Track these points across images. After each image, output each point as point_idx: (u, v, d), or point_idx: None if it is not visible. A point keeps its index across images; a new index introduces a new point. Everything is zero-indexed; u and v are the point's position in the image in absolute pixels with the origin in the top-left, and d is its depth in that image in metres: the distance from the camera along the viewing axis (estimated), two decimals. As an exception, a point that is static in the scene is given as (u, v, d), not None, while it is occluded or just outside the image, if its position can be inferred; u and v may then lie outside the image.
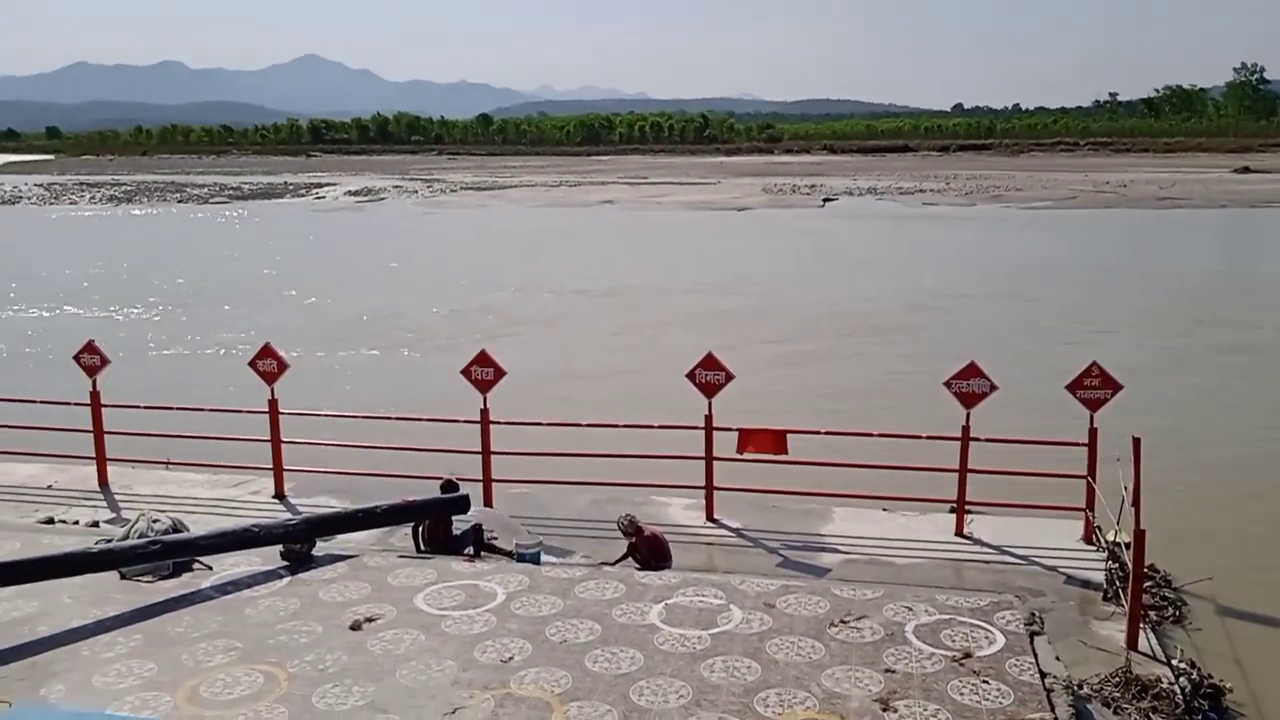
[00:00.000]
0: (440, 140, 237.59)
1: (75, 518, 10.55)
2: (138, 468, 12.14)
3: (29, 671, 6.33)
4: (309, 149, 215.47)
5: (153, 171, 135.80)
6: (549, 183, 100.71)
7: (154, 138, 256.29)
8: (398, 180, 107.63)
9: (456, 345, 21.13)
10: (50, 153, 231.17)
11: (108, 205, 78.14)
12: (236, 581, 7.73)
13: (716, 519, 10.21)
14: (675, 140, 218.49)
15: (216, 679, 6.13)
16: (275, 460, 11.33)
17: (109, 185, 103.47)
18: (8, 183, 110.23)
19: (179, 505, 10.56)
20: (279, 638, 6.70)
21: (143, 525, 8.23)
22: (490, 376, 10.70)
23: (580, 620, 6.90)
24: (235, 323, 26.22)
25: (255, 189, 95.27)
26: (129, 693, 5.99)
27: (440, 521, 8.95)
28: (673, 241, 46.56)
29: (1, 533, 9.37)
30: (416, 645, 6.56)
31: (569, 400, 16.36)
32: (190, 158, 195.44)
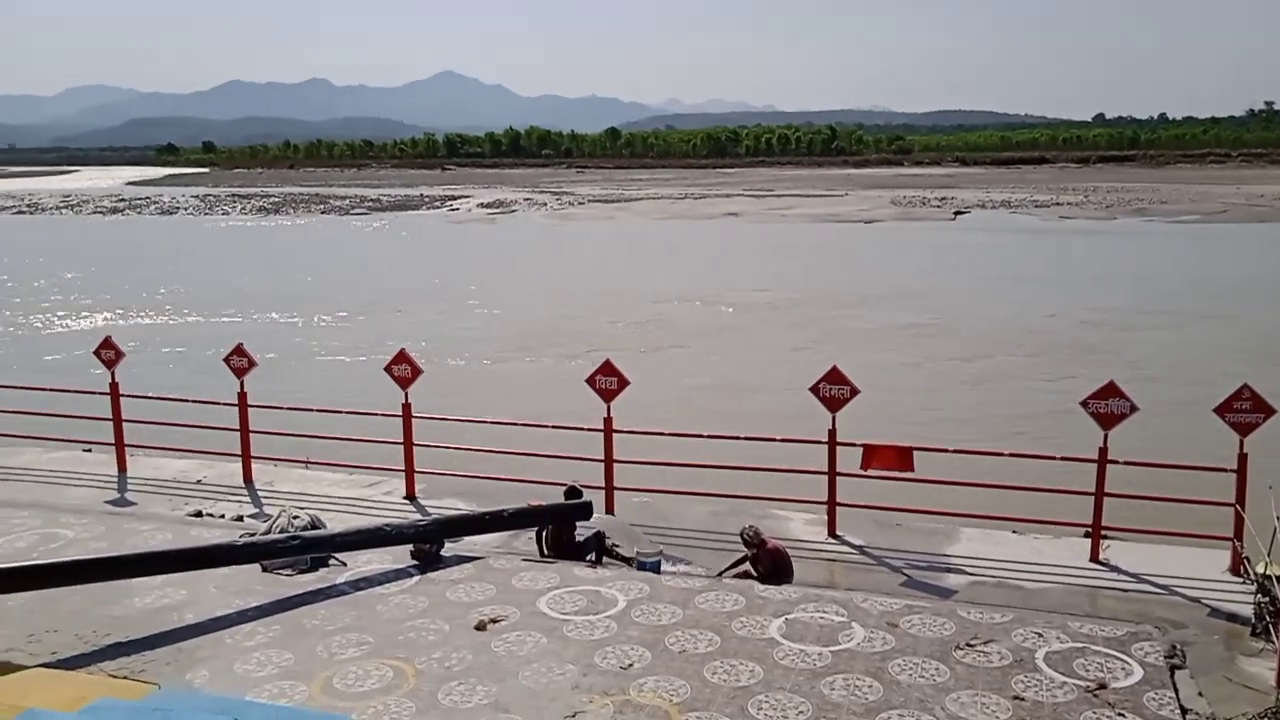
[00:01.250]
0: (570, 154, 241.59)
1: (221, 512, 11.10)
2: (279, 466, 12.70)
3: (175, 656, 6.69)
4: (444, 162, 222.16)
5: (298, 184, 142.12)
6: (674, 195, 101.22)
7: (300, 151, 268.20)
8: (528, 193, 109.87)
9: (634, 356, 21.47)
10: (206, 166, 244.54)
11: (256, 216, 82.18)
12: (369, 578, 8.01)
13: (838, 535, 10.06)
14: (802, 153, 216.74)
15: (349, 671, 6.37)
16: (407, 463, 11.70)
17: (258, 197, 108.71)
18: (167, 195, 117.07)
19: (316, 503, 10.99)
20: (408, 634, 6.91)
21: (283, 521, 8.62)
22: (614, 386, 10.80)
23: (700, 631, 6.90)
24: (420, 330, 27.23)
25: (393, 201, 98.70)
26: (267, 681, 6.27)
27: (564, 527, 9.09)
28: (806, 254, 46.24)
29: (154, 524, 9.95)
30: (539, 648, 6.67)
31: (728, 414, 16.23)
32: (333, 170, 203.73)
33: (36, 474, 12.50)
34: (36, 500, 11.09)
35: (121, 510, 11.02)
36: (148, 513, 10.77)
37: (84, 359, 12.67)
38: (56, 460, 13.05)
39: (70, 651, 6.72)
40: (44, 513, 10.25)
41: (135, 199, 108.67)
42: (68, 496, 11.47)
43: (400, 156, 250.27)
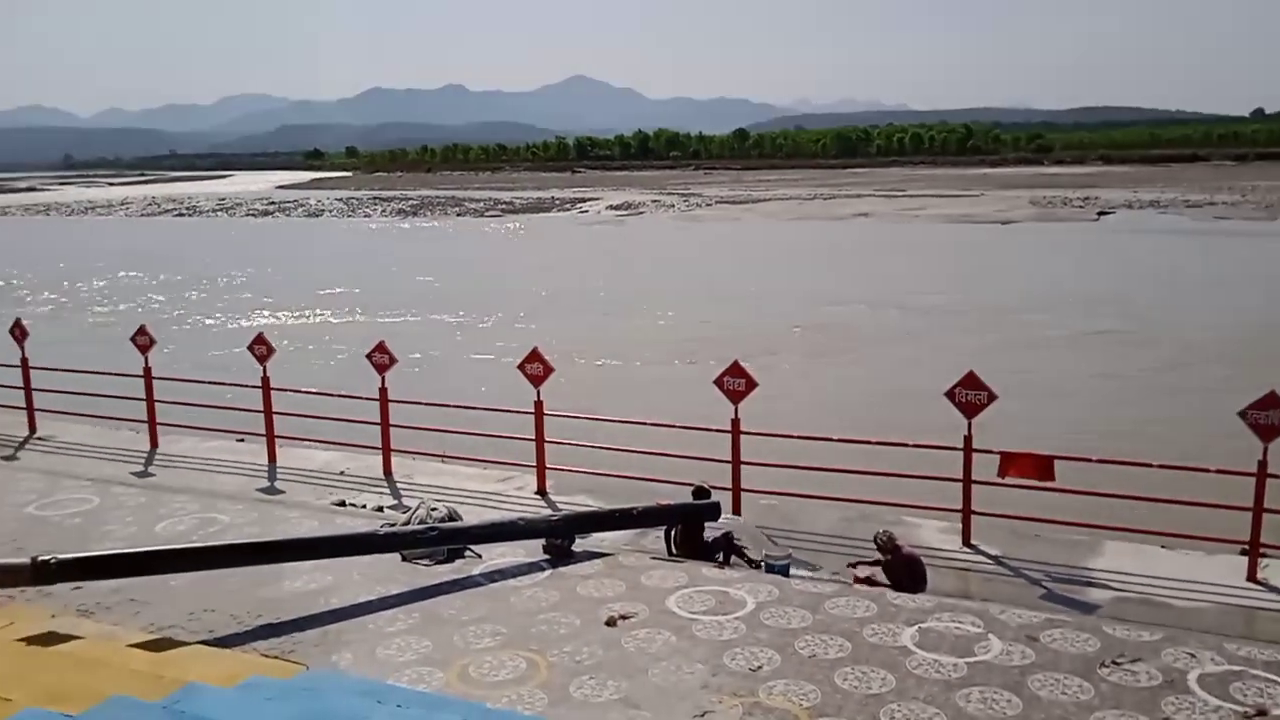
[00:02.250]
0: (697, 155, 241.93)
1: (363, 502, 11.56)
2: (417, 459, 13.13)
3: (322, 639, 6.99)
4: (575, 165, 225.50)
5: (435, 187, 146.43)
6: (802, 196, 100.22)
7: (437, 155, 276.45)
8: (655, 195, 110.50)
9: (811, 363, 21.44)
10: (349, 170, 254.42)
11: (396, 218, 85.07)
12: (503, 570, 8.20)
13: (973, 544, 9.79)
14: (936, 152, 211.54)
15: (484, 661, 6.54)
16: (539, 459, 11.94)
17: (397, 200, 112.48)
18: (313, 198, 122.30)
19: (452, 496, 11.30)
20: (540, 627, 7.05)
21: (422, 512, 8.92)
22: (742, 387, 10.77)
23: (830, 636, 6.82)
24: (583, 332, 27.61)
25: (525, 203, 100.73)
26: (407, 666, 6.49)
27: (692, 527, 9.12)
28: (950, 256, 45.23)
29: (302, 512, 10.42)
30: (668, 646, 6.71)
31: (888, 423, 15.80)
32: (468, 174, 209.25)
33: (195, 461, 13.26)
34: (195, 486, 11.76)
35: (272, 498, 11.59)
36: (295, 501, 11.29)
37: (246, 355, 13.39)
38: (213, 449, 13.81)
39: (226, 630, 7.10)
40: (202, 498, 10.86)
41: (284, 202, 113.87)
42: (223, 483, 12.12)
43: (532, 160, 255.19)
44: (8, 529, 9.55)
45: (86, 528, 9.65)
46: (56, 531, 9.48)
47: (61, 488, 11.09)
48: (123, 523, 9.81)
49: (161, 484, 11.97)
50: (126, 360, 14.38)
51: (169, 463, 13.23)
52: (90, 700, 4.95)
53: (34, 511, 10.16)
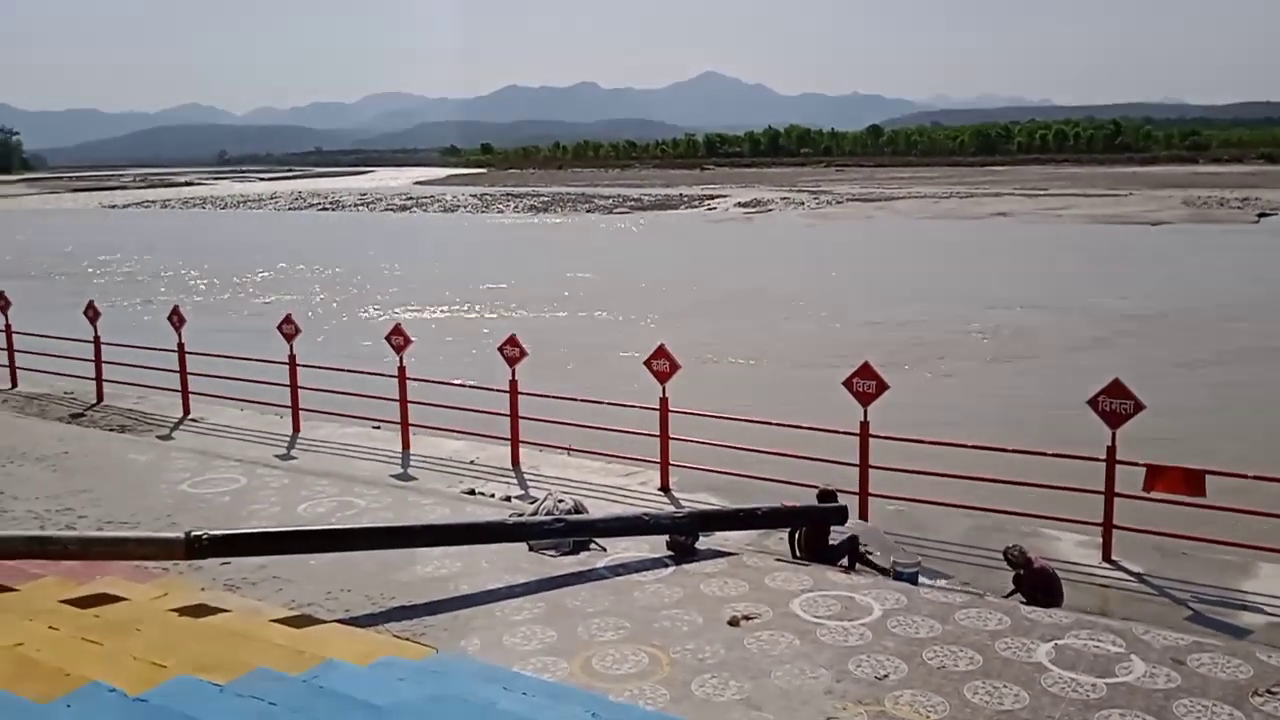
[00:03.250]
0: (829, 152, 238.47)
1: (491, 491, 11.81)
2: (544, 451, 13.35)
3: (451, 624, 7.17)
4: (703, 162, 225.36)
5: (566, 184, 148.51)
6: (938, 194, 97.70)
7: (569, 153, 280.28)
8: (785, 192, 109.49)
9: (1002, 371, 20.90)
10: (483, 167, 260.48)
11: (527, 214, 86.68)
12: (627, 565, 8.26)
13: (1114, 560, 9.37)
14: (1081, 150, 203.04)
15: (607, 654, 6.60)
16: (663, 455, 11.99)
17: (529, 196, 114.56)
18: (449, 193, 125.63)
19: (577, 488, 11.46)
20: (663, 623, 7.07)
21: (549, 504, 9.06)
22: (872, 389, 10.58)
23: (960, 648, 6.63)
24: (750, 334, 27.06)
25: (653, 200, 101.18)
26: (533, 655, 6.61)
27: (817, 530, 9.00)
28: (1105, 257, 43.39)
29: (433, 499, 10.72)
30: (791, 649, 6.64)
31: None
32: (598, 171, 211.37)
33: (334, 447, 13.80)
34: (334, 470, 12.22)
35: (405, 484, 11.96)
36: (427, 488, 11.62)
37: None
38: (350, 435, 14.34)
39: (361, 611, 7.36)
40: (340, 482, 11.29)
41: (421, 197, 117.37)
42: (359, 469, 12.57)
43: (661, 157, 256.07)
44: (164, 505, 10.12)
45: (234, 506, 10.15)
46: (207, 509, 10.00)
47: (212, 467, 11.69)
48: (267, 502, 10.28)
49: (303, 467, 12.49)
50: (276, 348, 15.05)
51: (310, 447, 13.80)
52: (236, 671, 5.20)
53: (187, 489, 10.74)
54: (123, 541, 7.45)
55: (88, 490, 10.57)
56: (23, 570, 7.19)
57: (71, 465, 11.61)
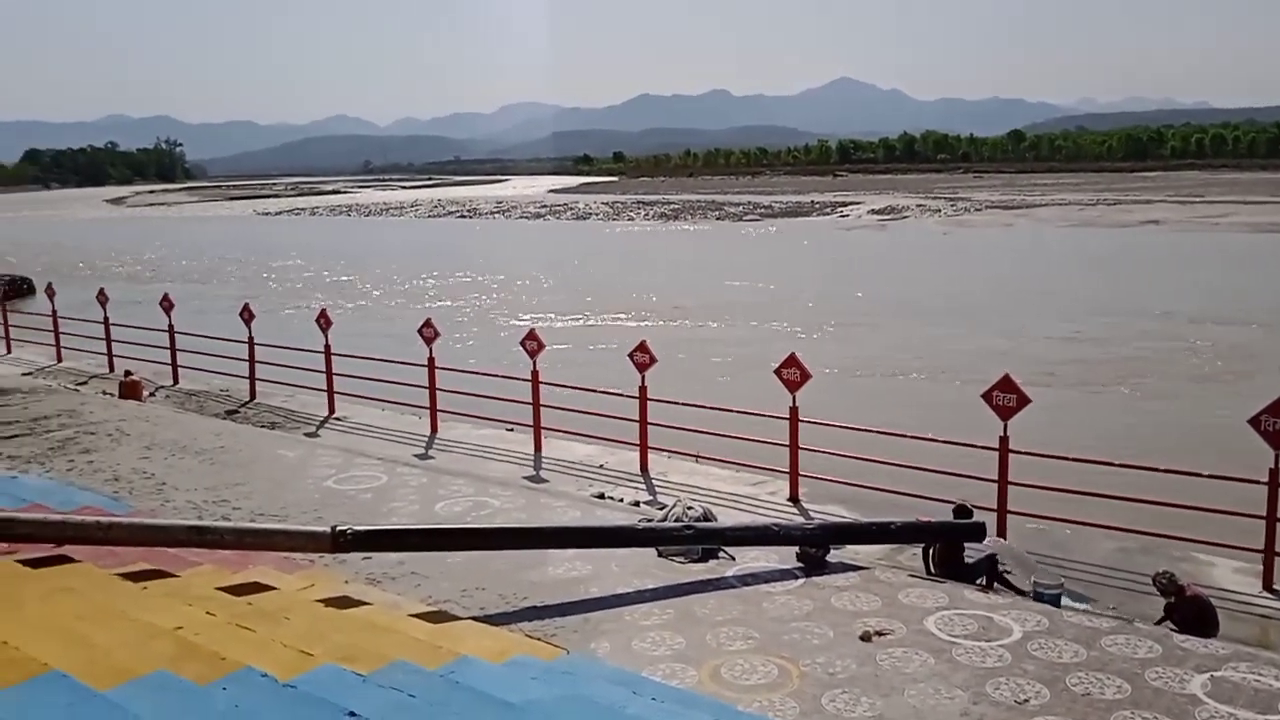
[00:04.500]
0: (967, 158, 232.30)
1: (621, 496, 11.92)
2: (672, 458, 13.40)
3: (582, 626, 7.25)
4: (836, 169, 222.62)
5: (696, 191, 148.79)
6: (1083, 201, 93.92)
7: (699, 160, 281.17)
8: (920, 199, 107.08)
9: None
10: (615, 175, 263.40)
11: (657, 222, 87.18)
12: (756, 575, 8.20)
13: (1277, 589, 8.81)
14: (1242, 154, 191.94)
15: (736, 663, 6.56)
16: (792, 465, 11.87)
17: (659, 204, 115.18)
18: (581, 201, 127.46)
19: (705, 495, 11.45)
20: (792, 635, 6.99)
21: (678, 510, 9.07)
22: (1013, 403, 10.25)
23: (1106, 675, 6.33)
24: (933, 347, 25.57)
25: (784, 207, 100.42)
26: (661, 661, 6.62)
27: (953, 546, 8.75)
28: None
29: (564, 502, 10.87)
30: (925, 668, 6.47)
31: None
32: (729, 178, 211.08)
33: (469, 448, 14.17)
34: (470, 471, 12.54)
35: (537, 486, 12.18)
36: (558, 490, 11.81)
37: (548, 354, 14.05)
38: (485, 437, 14.70)
39: (494, 609, 7.51)
40: (475, 482, 11.56)
41: (554, 205, 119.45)
42: (493, 470, 12.87)
43: (793, 164, 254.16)
44: (311, 499, 10.57)
45: (376, 503, 10.52)
46: (351, 504, 10.39)
47: (355, 465, 12.15)
48: (407, 500, 10.62)
49: (440, 466, 12.86)
50: (418, 351, 15.55)
51: (446, 447, 14.21)
52: (377, 662, 5.38)
53: (332, 485, 11.19)
54: (273, 533, 7.80)
55: (241, 483, 11.12)
56: (183, 558, 7.61)
57: (226, 459, 12.23)
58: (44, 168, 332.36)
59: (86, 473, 11.54)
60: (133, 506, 9.88)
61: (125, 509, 9.52)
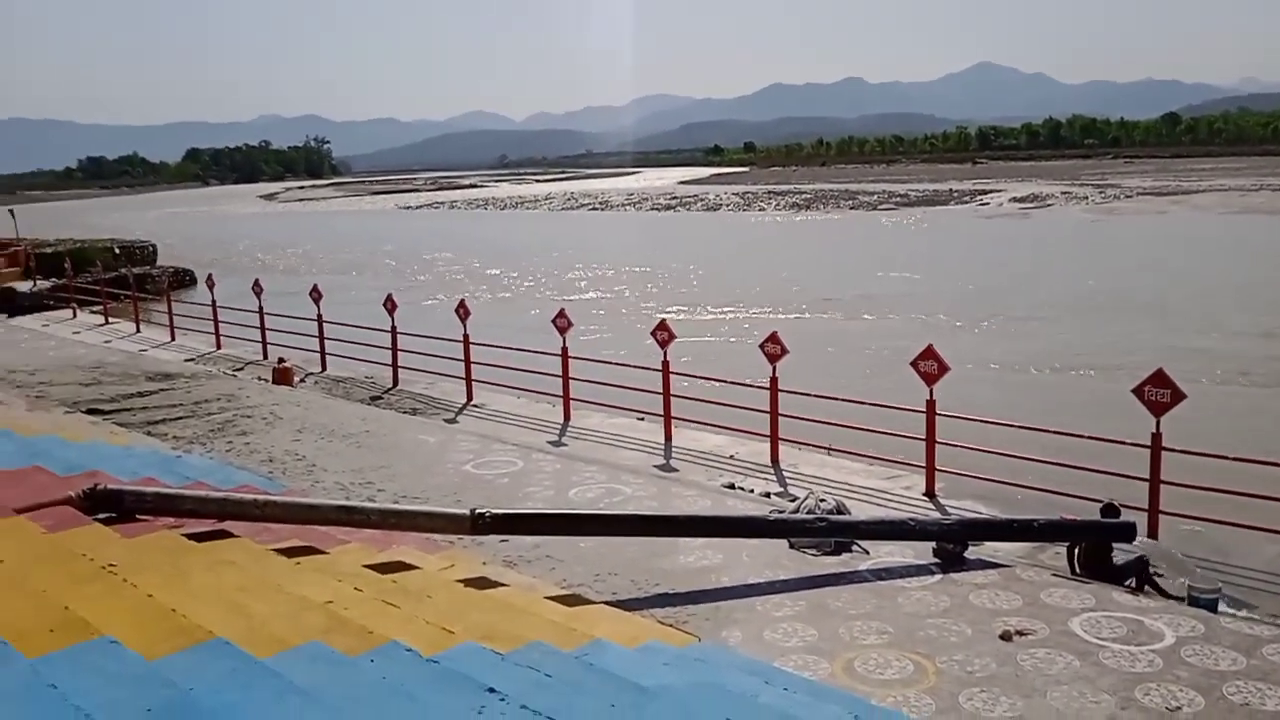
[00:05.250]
0: (1117, 143, 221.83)
1: (751, 487, 11.88)
2: (803, 449, 13.28)
3: (713, 614, 7.28)
4: (975, 156, 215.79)
5: (829, 181, 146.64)
6: (1246, 186, 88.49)
7: (832, 149, 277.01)
8: (1065, 186, 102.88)
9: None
10: (745, 165, 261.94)
11: (789, 212, 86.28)
12: (890, 569, 8.06)
13: None
14: None
15: (870, 657, 6.47)
16: (928, 459, 11.60)
17: (791, 194, 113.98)
18: (712, 192, 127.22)
19: (837, 488, 11.31)
20: (928, 631, 6.85)
21: (811, 502, 9.00)
22: (1167, 399, 9.76)
23: (1269, 686, 5.98)
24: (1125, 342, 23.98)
25: (920, 196, 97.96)
26: (793, 652, 6.59)
27: (1099, 546, 8.41)
28: None
29: (695, 491, 10.91)
30: (1070, 670, 6.24)
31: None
32: (862, 167, 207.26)
33: (601, 435, 14.35)
34: (601, 458, 12.70)
35: (667, 475, 12.25)
36: (689, 480, 11.84)
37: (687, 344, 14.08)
38: (616, 425, 14.86)
39: (627, 594, 7.61)
40: (607, 469, 11.72)
41: (685, 197, 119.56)
42: (624, 458, 13.00)
43: (930, 151, 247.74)
44: (450, 483, 10.91)
45: (512, 487, 10.78)
46: (488, 489, 10.68)
47: (492, 450, 12.47)
48: (541, 485, 10.85)
49: (573, 453, 13.07)
50: (554, 341, 15.84)
51: (579, 435, 14.43)
52: (515, 642, 5.52)
53: (470, 469, 11.51)
54: (416, 515, 8.08)
55: (385, 466, 11.56)
56: (332, 536, 7.96)
57: (371, 443, 12.73)
58: (203, 166, 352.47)
59: (244, 454, 12.20)
60: (285, 486, 10.38)
61: (279, 488, 10.01)
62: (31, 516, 6.36)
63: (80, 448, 10.03)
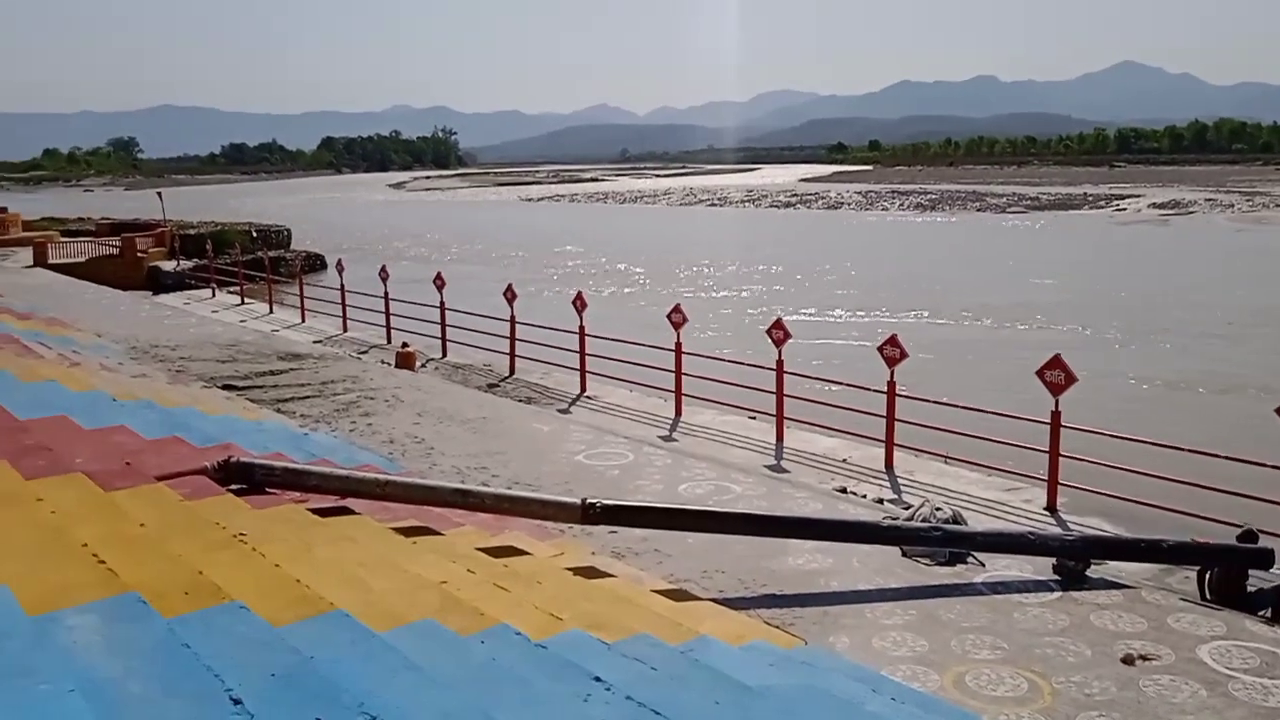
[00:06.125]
0: (1269, 149, 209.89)
1: (864, 492, 11.70)
2: (919, 456, 13.00)
3: (821, 618, 7.19)
4: (1113, 159, 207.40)
5: (956, 181, 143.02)
6: None
7: (960, 149, 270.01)
8: (1209, 192, 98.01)
9: None
10: (869, 164, 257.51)
11: (913, 212, 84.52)
12: (1006, 583, 7.83)
13: None
14: None
15: (982, 673, 6.30)
16: (1051, 472, 11.23)
17: (916, 194, 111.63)
18: (833, 190, 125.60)
19: (953, 498, 11.04)
20: (1045, 650, 6.63)
21: (926, 511, 8.80)
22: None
23: None
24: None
25: (1052, 200, 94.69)
26: (902, 662, 6.46)
27: (1234, 573, 7.99)
28: None
29: (806, 493, 10.79)
30: (1196, 699, 5.96)
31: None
32: (992, 168, 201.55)
33: (711, 432, 14.35)
34: (711, 455, 12.68)
35: (777, 476, 12.16)
36: (799, 481, 11.73)
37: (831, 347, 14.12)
38: (727, 423, 14.82)
39: (733, 593, 7.59)
40: (717, 467, 11.69)
41: (805, 194, 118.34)
42: (735, 456, 12.96)
43: (1064, 153, 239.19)
44: (563, 472, 11.05)
45: (622, 480, 10.86)
46: (599, 480, 10.78)
47: (604, 442, 12.58)
48: (651, 479, 10.90)
49: (683, 449, 13.09)
50: (668, 336, 15.90)
51: (690, 430, 14.45)
52: (621, 633, 5.56)
53: (582, 460, 11.64)
54: (528, 501, 8.21)
55: (500, 452, 11.79)
56: (447, 517, 8.16)
57: (487, 429, 13.00)
58: (337, 154, 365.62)
59: (366, 434, 12.61)
60: (404, 467, 10.68)
61: (398, 469, 10.31)
62: (171, 484, 6.69)
63: (216, 421, 10.51)
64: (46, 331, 15.88)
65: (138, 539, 5.40)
